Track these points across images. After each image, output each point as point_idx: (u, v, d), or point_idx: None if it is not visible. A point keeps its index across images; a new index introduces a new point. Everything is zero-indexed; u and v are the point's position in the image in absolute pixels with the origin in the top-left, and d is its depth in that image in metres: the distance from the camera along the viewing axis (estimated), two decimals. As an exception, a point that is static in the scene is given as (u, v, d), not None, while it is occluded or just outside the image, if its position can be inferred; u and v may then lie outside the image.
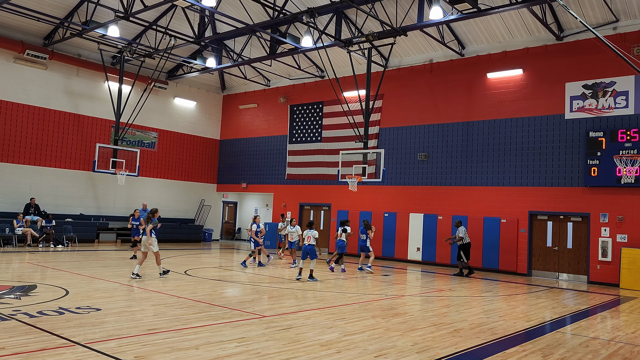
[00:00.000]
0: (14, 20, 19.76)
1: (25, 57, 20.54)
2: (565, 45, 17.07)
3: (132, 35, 21.76)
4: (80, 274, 12.37)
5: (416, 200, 19.97)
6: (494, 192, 18.14)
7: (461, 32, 18.65)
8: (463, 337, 7.63)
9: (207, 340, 6.68)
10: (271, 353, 6.21)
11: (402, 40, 19.67)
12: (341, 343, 6.91)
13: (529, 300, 12.11)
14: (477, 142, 18.70)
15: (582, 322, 9.59)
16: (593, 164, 15.97)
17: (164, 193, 25.59)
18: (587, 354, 7.02)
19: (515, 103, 17.93)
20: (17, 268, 13.31)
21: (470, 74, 19.05)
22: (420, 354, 6.54)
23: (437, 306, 10.51)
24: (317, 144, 23.50)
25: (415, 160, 20.24)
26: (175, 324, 7.58)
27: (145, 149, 24.66)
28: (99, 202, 23.10)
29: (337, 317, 8.72)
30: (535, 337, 7.98)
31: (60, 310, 8.10)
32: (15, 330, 6.71)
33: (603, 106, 16.09)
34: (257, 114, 26.52)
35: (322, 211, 23.44)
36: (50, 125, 21.55)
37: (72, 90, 22.30)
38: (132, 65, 23.33)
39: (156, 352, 6.04)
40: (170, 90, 25.77)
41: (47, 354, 5.72)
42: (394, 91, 21.02)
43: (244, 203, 29.05)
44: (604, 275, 15.71)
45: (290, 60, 22.72)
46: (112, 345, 6.22)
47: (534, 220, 17.41)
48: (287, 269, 16.10)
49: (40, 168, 21.21)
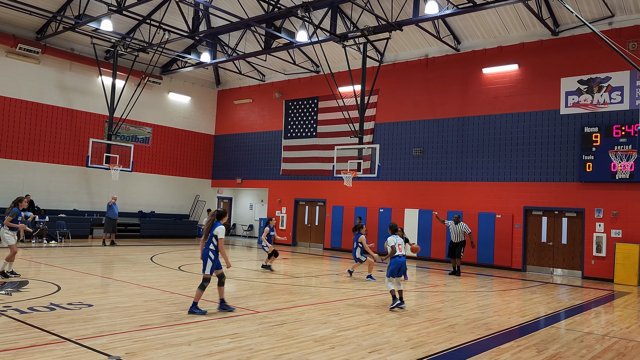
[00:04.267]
0: (5, 13, 19.54)
1: (18, 52, 20.34)
2: (560, 41, 17.03)
3: (125, 29, 21.58)
4: (73, 270, 12.27)
5: (411, 195, 19.94)
6: (489, 187, 18.13)
7: (457, 27, 18.59)
8: (457, 333, 7.60)
9: (199, 337, 6.61)
10: (264, 349, 6.15)
11: (398, 35, 19.59)
12: (335, 339, 6.86)
13: (523, 295, 12.10)
14: (472, 137, 18.67)
15: (576, 317, 9.58)
16: (588, 159, 15.97)
17: (158, 189, 25.46)
18: (581, 349, 7.00)
19: (511, 98, 17.89)
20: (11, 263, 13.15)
21: (465, 69, 19.00)
22: (414, 350, 6.50)
23: (432, 301, 10.49)
24: (312, 140, 23.41)
25: (411, 156, 20.19)
26: (168, 320, 7.51)
27: (139, 144, 24.50)
28: (92, 198, 22.95)
29: (331, 312, 8.67)
30: (530, 333, 7.95)
31: (51, 306, 8.02)
32: (5, 327, 6.62)
33: (598, 101, 16.08)
34: (252, 109, 26.40)
35: (317, 207, 23.38)
36: (43, 120, 21.37)
37: (65, 85, 22.10)
38: (126, 59, 23.15)
39: (148, 348, 5.97)
40: (164, 85, 25.60)
41: (36, 351, 5.64)
42: (389, 86, 20.95)
43: (238, 199, 28.96)
44: (598, 270, 15.73)
45: (285, 55, 22.59)
46: (103, 341, 6.15)
47: (529, 215, 17.41)
48: (282, 265, 16.03)
49: (33, 163, 21.04)
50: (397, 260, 9.24)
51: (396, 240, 9.37)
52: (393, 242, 9.32)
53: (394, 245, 9.27)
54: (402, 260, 9.30)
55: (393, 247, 9.25)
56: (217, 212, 8.14)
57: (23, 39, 20.45)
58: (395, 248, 9.26)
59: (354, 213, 21.21)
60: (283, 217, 24.23)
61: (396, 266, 9.20)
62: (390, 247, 9.26)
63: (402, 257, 9.32)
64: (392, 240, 9.34)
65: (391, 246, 9.25)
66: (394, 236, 9.49)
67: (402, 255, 9.36)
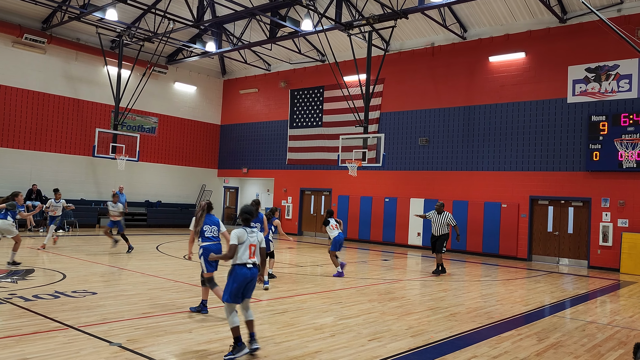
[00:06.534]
0: (11, 3, 19.58)
1: (24, 41, 20.40)
2: (568, 28, 16.82)
3: (130, 18, 21.56)
4: (79, 259, 12.38)
5: (417, 185, 19.89)
6: (495, 176, 18.03)
7: (463, 14, 18.40)
8: (459, 321, 7.61)
9: (201, 324, 6.67)
10: (265, 336, 6.19)
11: (403, 23, 19.43)
12: (335, 327, 6.89)
13: (527, 284, 12.07)
14: (478, 126, 18.55)
15: (580, 307, 9.55)
16: (595, 148, 15.83)
17: (164, 178, 25.57)
18: (582, 338, 6.98)
19: (517, 87, 17.73)
20: (17, 252, 13.31)
21: (472, 58, 18.83)
22: (414, 338, 6.52)
23: (435, 290, 10.49)
24: (317, 129, 23.37)
25: (416, 145, 20.11)
26: (171, 308, 7.57)
27: (145, 134, 24.58)
28: (99, 187, 23.09)
29: (333, 301, 8.70)
30: (532, 321, 7.94)
31: (56, 293, 8.11)
32: (10, 314, 6.71)
33: (606, 90, 15.90)
34: (257, 98, 26.37)
35: (322, 196, 23.40)
36: (49, 110, 21.47)
37: (71, 75, 22.17)
38: (131, 49, 23.16)
39: (149, 335, 6.02)
40: (170, 75, 25.61)
41: (38, 337, 5.71)
42: (394, 75, 20.82)
43: (245, 188, 29.02)
44: (604, 260, 15.65)
45: (290, 44, 22.50)
46: (105, 328, 6.21)
47: (535, 205, 17.31)
48: (287, 254, 16.09)
49: (40, 153, 21.19)
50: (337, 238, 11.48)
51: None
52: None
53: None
54: (340, 237, 11.56)
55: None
56: (207, 205, 7.43)
57: (29, 29, 20.50)
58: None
59: (360, 203, 21.21)
60: (289, 207, 24.28)
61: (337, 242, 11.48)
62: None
63: (339, 234, 11.54)
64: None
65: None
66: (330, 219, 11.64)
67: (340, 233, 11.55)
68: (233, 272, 5.45)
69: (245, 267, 5.43)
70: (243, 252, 5.47)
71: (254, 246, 5.56)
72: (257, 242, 5.61)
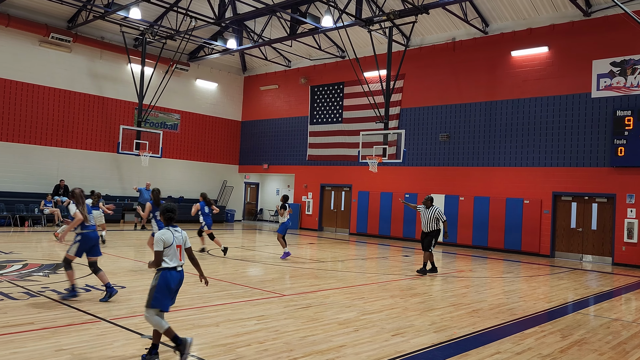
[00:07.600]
0: (38, 3, 20.02)
1: (50, 40, 20.84)
2: (592, 22, 16.57)
3: (153, 17, 21.87)
4: (106, 253, 12.67)
5: (437, 181, 19.84)
6: (517, 172, 17.90)
7: (485, 9, 18.25)
8: (481, 318, 7.64)
9: (227, 318, 6.83)
10: (289, 331, 6.32)
11: (424, 19, 19.35)
12: (359, 322, 6.99)
13: (550, 281, 12.01)
14: (500, 122, 18.41)
15: (604, 304, 9.49)
16: (620, 143, 15.60)
17: (186, 174, 25.91)
18: (607, 335, 6.97)
19: (540, 82, 17.55)
20: (46, 247, 13.73)
21: (493, 52, 18.68)
22: (437, 334, 6.58)
23: (457, 287, 10.51)
24: (337, 125, 23.44)
25: (437, 141, 20.04)
26: (197, 301, 7.75)
27: (167, 131, 24.93)
28: (124, 183, 23.52)
29: (355, 296, 8.80)
30: (556, 318, 7.93)
31: (87, 287, 8.36)
32: (44, 307, 6.95)
33: (632, 84, 15.64)
34: (278, 95, 26.52)
35: (342, 192, 23.48)
36: (75, 107, 21.93)
37: (96, 73, 22.59)
38: (154, 47, 23.49)
39: (178, 328, 6.18)
40: (191, 72, 25.90)
41: (73, 329, 5.93)
42: (415, 71, 20.75)
43: (265, 184, 29.26)
44: (629, 256, 15.45)
45: (310, 40, 22.57)
46: (135, 321, 6.41)
47: (558, 201, 17.15)
48: (308, 249, 16.21)
49: (66, 150, 21.66)
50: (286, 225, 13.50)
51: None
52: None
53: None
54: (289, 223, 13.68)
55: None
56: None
57: (55, 28, 20.94)
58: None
59: (380, 199, 21.24)
60: (309, 202, 24.42)
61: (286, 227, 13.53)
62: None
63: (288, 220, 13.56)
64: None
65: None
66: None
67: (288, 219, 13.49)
68: (162, 276, 5.03)
69: (175, 271, 5.11)
70: (172, 255, 5.09)
71: (179, 247, 5.18)
72: (182, 242, 5.22)
